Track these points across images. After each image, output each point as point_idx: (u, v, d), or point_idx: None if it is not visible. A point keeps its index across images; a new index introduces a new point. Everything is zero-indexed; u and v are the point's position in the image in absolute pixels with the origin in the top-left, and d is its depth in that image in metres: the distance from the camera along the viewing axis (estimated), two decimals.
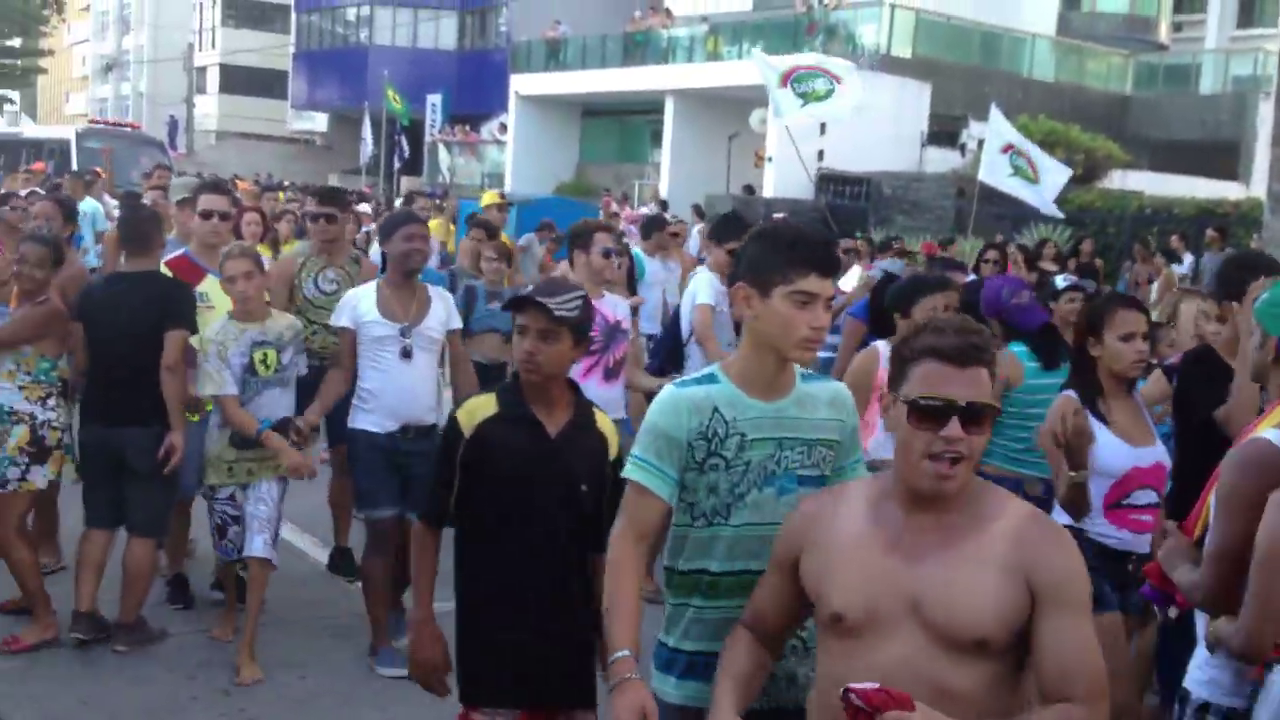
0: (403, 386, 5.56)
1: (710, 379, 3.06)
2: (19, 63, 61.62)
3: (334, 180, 36.66)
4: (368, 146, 36.30)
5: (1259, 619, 2.90)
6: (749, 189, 29.06)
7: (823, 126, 28.90)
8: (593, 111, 39.25)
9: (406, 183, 36.04)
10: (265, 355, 5.63)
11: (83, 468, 5.82)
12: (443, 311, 5.75)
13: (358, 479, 5.70)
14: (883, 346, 5.29)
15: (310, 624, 6.21)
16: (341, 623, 6.20)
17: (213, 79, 61.65)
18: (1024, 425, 5.08)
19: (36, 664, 5.51)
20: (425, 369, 5.68)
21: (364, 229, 15.50)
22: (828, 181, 28.59)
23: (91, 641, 5.65)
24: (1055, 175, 14.99)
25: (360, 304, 5.62)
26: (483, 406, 3.51)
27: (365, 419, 5.58)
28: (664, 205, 26.10)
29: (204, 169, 35.27)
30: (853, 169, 27.79)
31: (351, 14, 47.53)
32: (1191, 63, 37.67)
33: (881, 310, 5.72)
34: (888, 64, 31.04)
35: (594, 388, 5.67)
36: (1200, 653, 3.25)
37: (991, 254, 10.35)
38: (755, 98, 30.23)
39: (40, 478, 5.72)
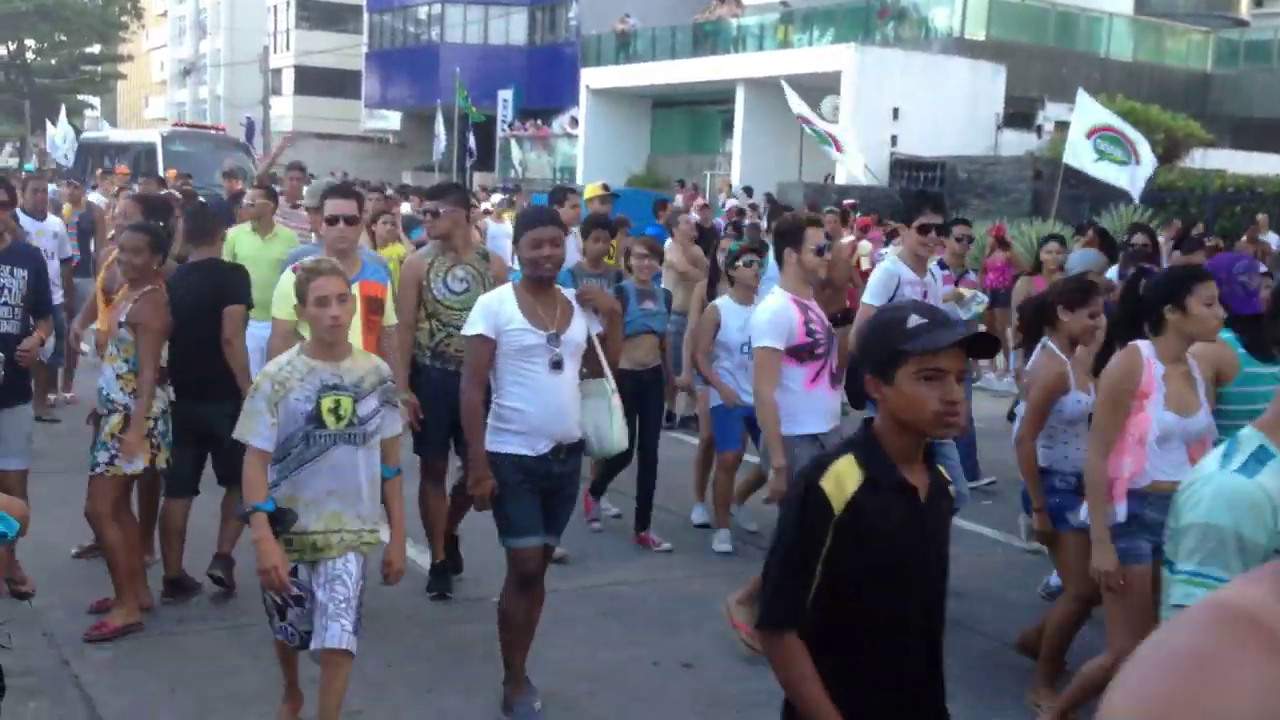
0: (555, 401, 4.96)
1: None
2: (99, 69, 62.83)
3: (407, 178, 36.96)
4: (440, 143, 36.53)
5: None
6: (828, 177, 28.88)
7: (895, 111, 28.71)
8: (663, 103, 39.21)
9: (479, 178, 36.25)
10: (337, 403, 4.44)
11: (174, 440, 6.05)
12: (583, 316, 5.16)
13: (503, 508, 4.99)
14: (1145, 347, 4.54)
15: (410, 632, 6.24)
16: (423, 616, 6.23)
17: (288, 80, 62.46)
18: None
19: (126, 652, 5.61)
20: (573, 381, 5.09)
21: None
22: (902, 167, 28.35)
23: (177, 602, 6.06)
24: (1149, 158, 14.77)
25: (503, 309, 4.96)
26: (847, 473, 2.79)
27: (512, 441, 4.94)
28: (748, 192, 25.97)
29: (280, 169, 35.72)
30: (926, 154, 27.52)
31: (423, 12, 47.88)
32: (1273, 39, 36.83)
33: (1140, 306, 4.88)
34: (961, 46, 30.72)
35: (823, 395, 5.62)
36: None
37: (1140, 237, 9.69)
38: (827, 85, 30.09)
39: (133, 466, 5.82)
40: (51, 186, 13.54)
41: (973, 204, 25.43)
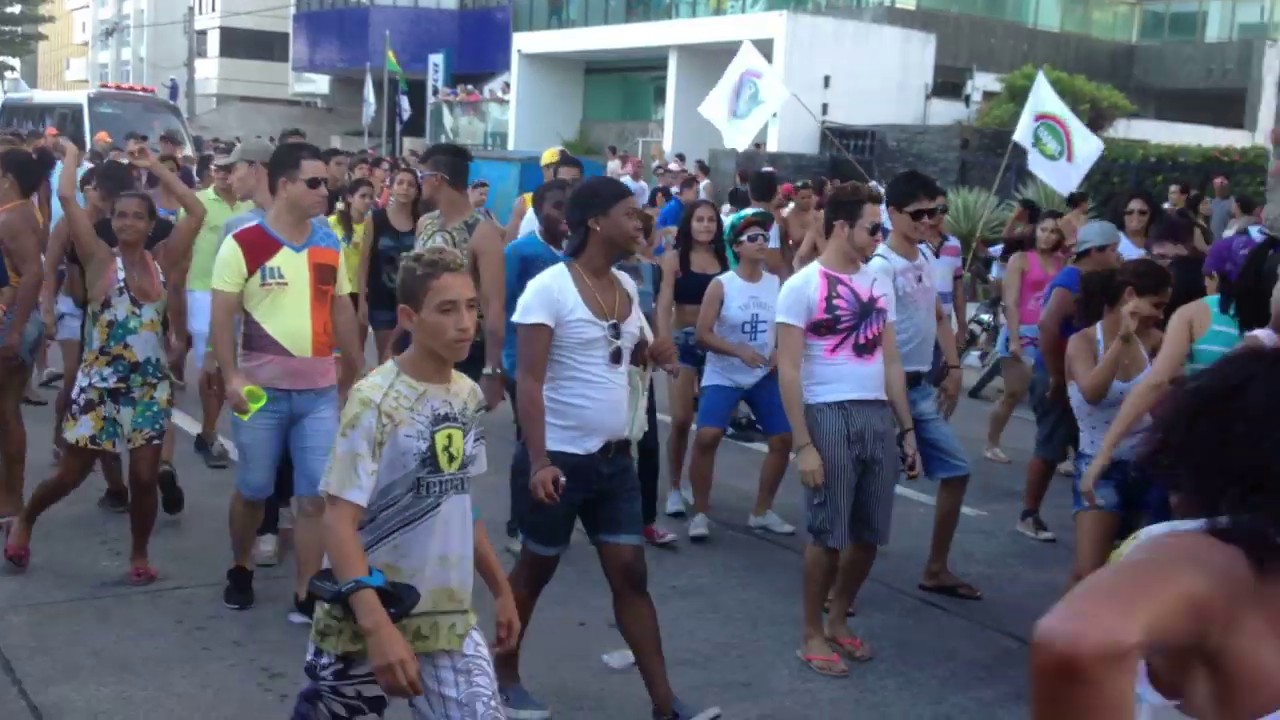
0: (612, 397, 4.60)
1: None
2: (19, 29, 61.36)
3: (336, 143, 36.54)
4: (369, 107, 36.13)
5: None
6: (758, 145, 28.92)
7: (826, 80, 28.80)
8: (596, 69, 39.06)
9: (409, 143, 35.93)
10: (450, 438, 3.39)
11: None
12: (638, 303, 4.79)
13: (536, 511, 4.55)
14: (1265, 336, 4.35)
15: None
16: None
17: (213, 42, 61.38)
18: None
19: (47, 617, 5.57)
20: (626, 374, 4.71)
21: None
22: (832, 135, 28.48)
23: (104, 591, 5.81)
24: (1088, 149, 14.76)
25: (564, 298, 4.50)
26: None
27: (559, 437, 4.49)
28: (681, 159, 25.97)
29: (205, 133, 35.17)
30: (857, 122, 27.65)
31: None
32: (1198, 10, 37.42)
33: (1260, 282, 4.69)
34: (892, 15, 30.87)
35: (845, 362, 5.30)
36: None
37: (1136, 203, 8.97)
38: (759, 52, 30.10)
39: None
40: None
41: (899, 172, 25.62)
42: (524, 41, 38.09)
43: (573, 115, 38.59)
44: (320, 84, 53.69)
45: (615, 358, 4.55)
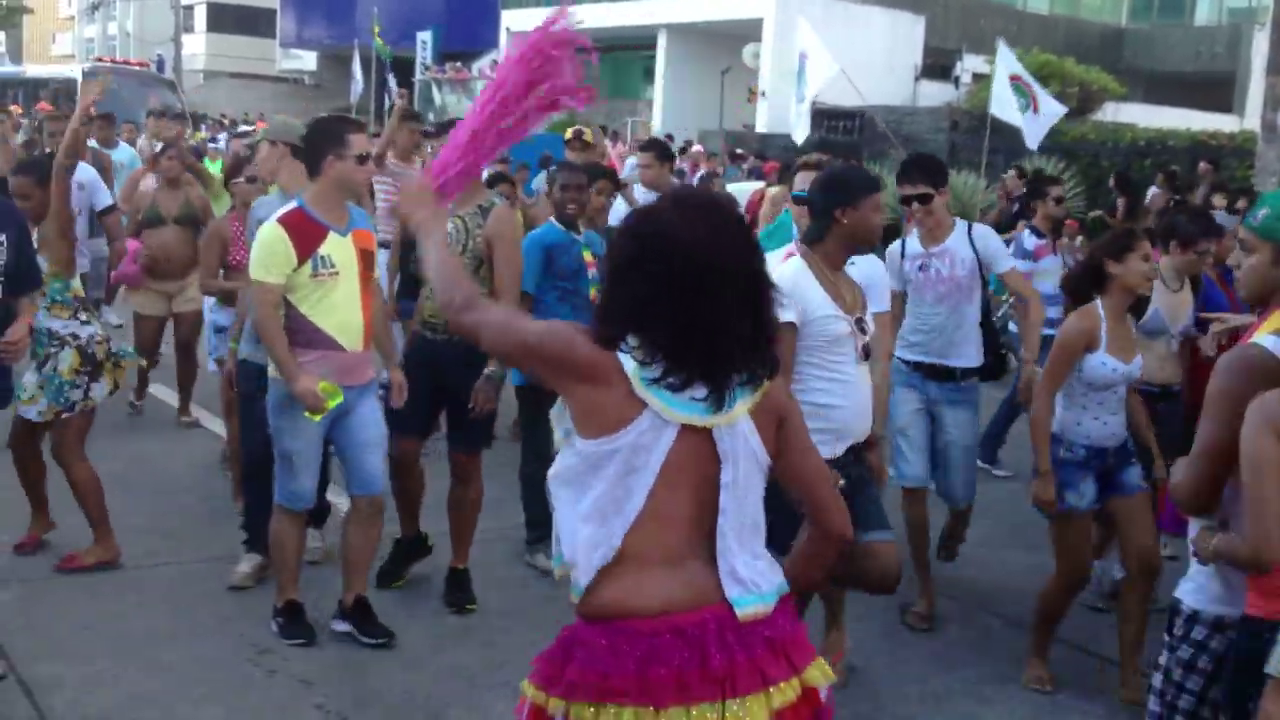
0: (864, 396, 4.40)
1: None
2: (4, 3, 60.91)
3: None
4: (357, 85, 35.91)
5: (1261, 525, 2.94)
6: (748, 126, 28.92)
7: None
8: (585, 47, 38.91)
9: None
10: None
11: None
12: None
13: (785, 523, 4.56)
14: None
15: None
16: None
17: (200, 17, 61.01)
18: None
19: (34, 593, 5.56)
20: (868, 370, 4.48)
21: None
22: (821, 116, 28.41)
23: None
24: (1052, 109, 14.91)
25: (809, 294, 4.28)
26: None
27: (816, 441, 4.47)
28: (669, 139, 25.93)
29: (192, 109, 34.97)
30: (845, 103, 27.61)
31: None
32: None
33: None
34: None
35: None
36: (1192, 563, 3.30)
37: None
38: (748, 32, 30.06)
39: (100, 392, 5.80)
40: None
41: (891, 154, 25.61)
42: (513, 19, 37.91)
43: None
44: (308, 60, 53.42)
45: (865, 353, 4.36)
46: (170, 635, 5.19)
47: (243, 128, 16.53)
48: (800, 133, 16.40)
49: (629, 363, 2.46)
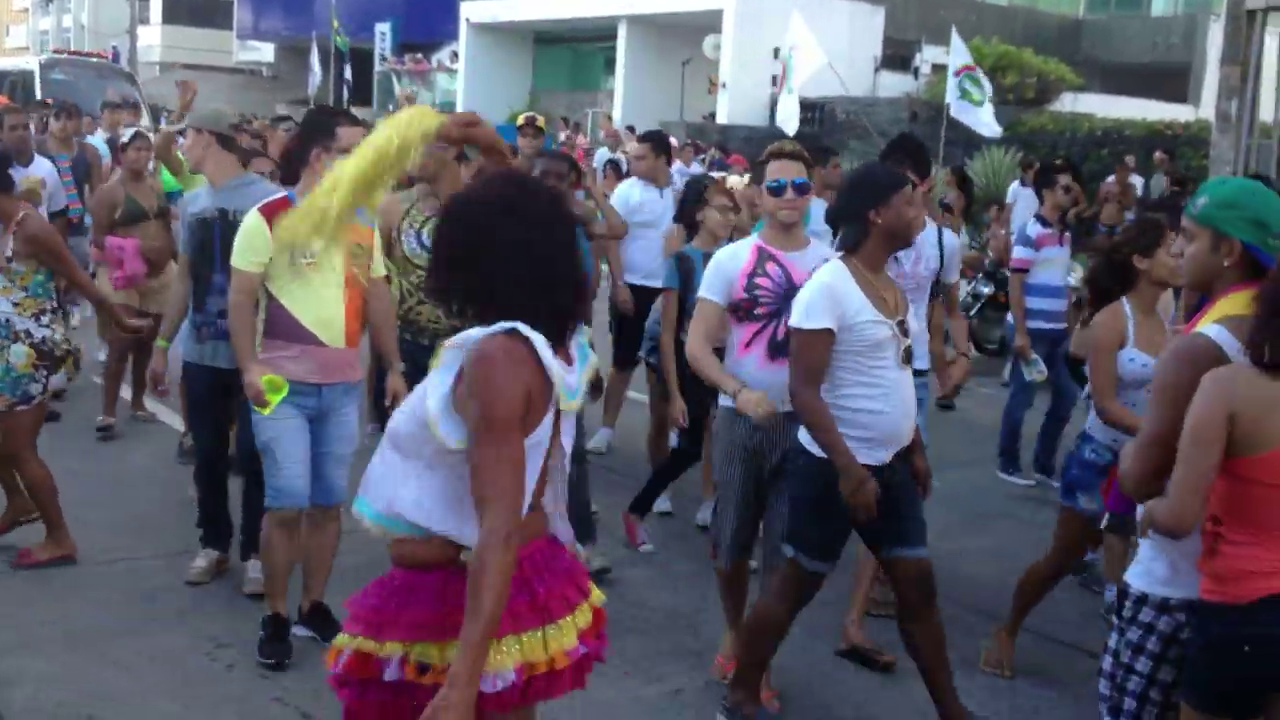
0: (906, 402, 4.28)
1: None
2: None
3: (282, 111, 36.13)
4: (315, 77, 35.71)
5: (1181, 492, 3.01)
6: (709, 117, 28.93)
7: (776, 52, 28.80)
8: (545, 39, 38.84)
9: (357, 113, 35.56)
10: None
11: None
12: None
13: (815, 525, 4.32)
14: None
15: None
16: None
17: (155, 9, 60.36)
18: None
19: None
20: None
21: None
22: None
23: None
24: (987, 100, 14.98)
25: (849, 298, 4.15)
26: None
27: (854, 448, 4.17)
28: (631, 131, 25.92)
29: (150, 102, 34.62)
30: (806, 94, 27.68)
31: None
32: None
33: None
34: None
35: (753, 365, 4.61)
36: (1141, 546, 3.34)
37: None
38: (708, 23, 30.06)
39: (59, 381, 5.96)
40: None
41: (851, 145, 25.69)
42: (472, 10, 37.77)
43: (522, 85, 38.36)
44: (265, 52, 53.02)
45: (907, 356, 4.26)
46: (129, 630, 5.16)
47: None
48: (791, 124, 16.40)
49: (544, 351, 2.65)
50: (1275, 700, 3.10)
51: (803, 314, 4.16)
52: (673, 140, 9.60)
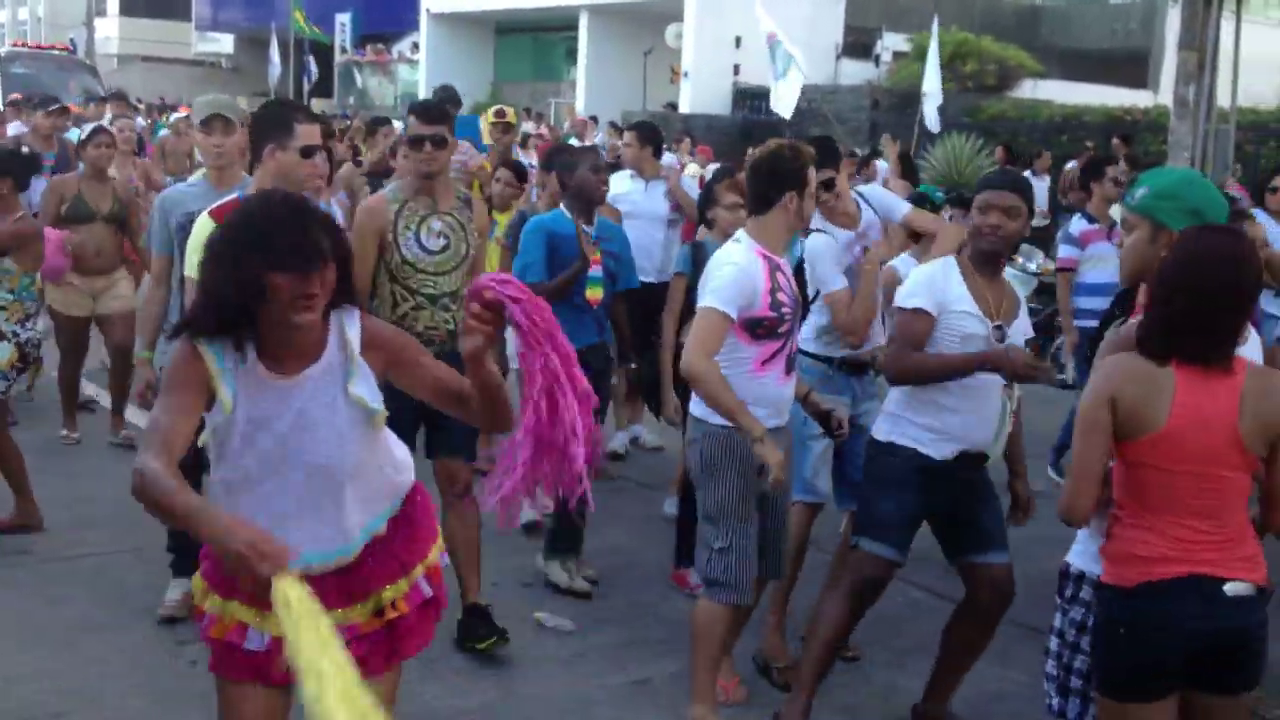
0: (986, 407, 4.24)
1: None
2: None
3: (242, 104, 35.84)
4: (276, 69, 35.44)
5: (1074, 483, 3.13)
6: (671, 106, 28.90)
7: (738, 40, 28.84)
8: (506, 29, 38.70)
9: (317, 104, 35.38)
10: None
11: None
12: (1025, 312, 4.43)
13: (876, 500, 4.35)
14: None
15: None
16: None
17: (113, 0, 59.83)
18: None
19: None
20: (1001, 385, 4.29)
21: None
22: (745, 96, 28.54)
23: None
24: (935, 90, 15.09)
25: (950, 286, 4.20)
26: None
27: (916, 435, 4.27)
28: (594, 120, 25.89)
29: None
30: (769, 83, 27.73)
31: None
32: None
33: None
34: None
35: (774, 384, 4.32)
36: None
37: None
38: (670, 12, 30.02)
39: (19, 387, 6.22)
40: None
41: (813, 133, 25.75)
42: (433, 0, 37.61)
43: (484, 76, 38.21)
44: (225, 44, 52.59)
45: None
46: (93, 627, 5.15)
47: (175, 116, 15.87)
48: (787, 107, 16.51)
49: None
50: (1201, 699, 3.16)
51: (906, 295, 4.24)
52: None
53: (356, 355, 2.85)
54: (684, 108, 28.58)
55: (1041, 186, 13.46)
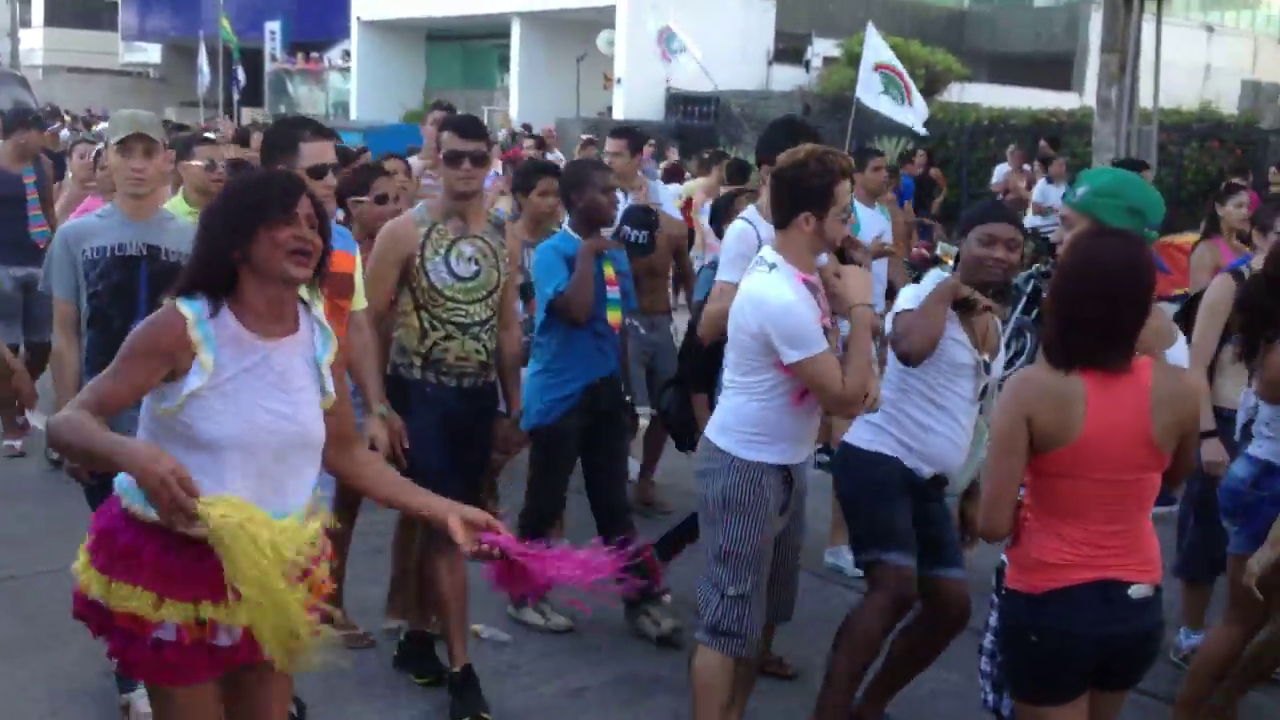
0: (960, 433, 4.26)
1: None
2: None
3: (170, 114, 35.44)
4: (204, 78, 35.07)
5: (987, 498, 3.17)
6: (606, 112, 28.94)
7: (660, 34, 28.93)
8: (437, 36, 38.58)
9: (248, 113, 35.04)
10: None
11: None
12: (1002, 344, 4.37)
13: (878, 509, 4.25)
14: None
15: None
16: None
17: (38, 10, 58.83)
18: None
19: None
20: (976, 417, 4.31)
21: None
22: (677, 102, 28.64)
23: None
24: (920, 103, 15.28)
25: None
26: None
27: (894, 447, 4.25)
28: (528, 129, 25.83)
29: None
30: (701, 89, 27.86)
31: None
32: None
33: None
34: None
35: (808, 416, 4.02)
36: None
37: None
38: (601, 19, 30.08)
39: None
40: None
41: (747, 139, 25.90)
42: (363, 7, 37.39)
43: (416, 84, 38.07)
44: (152, 53, 51.99)
45: (982, 394, 4.26)
46: (21, 648, 5.08)
47: (99, 127, 15.57)
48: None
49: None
50: (1096, 695, 3.21)
51: (907, 299, 4.20)
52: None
53: (328, 329, 3.01)
54: (618, 114, 28.64)
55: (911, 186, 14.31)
